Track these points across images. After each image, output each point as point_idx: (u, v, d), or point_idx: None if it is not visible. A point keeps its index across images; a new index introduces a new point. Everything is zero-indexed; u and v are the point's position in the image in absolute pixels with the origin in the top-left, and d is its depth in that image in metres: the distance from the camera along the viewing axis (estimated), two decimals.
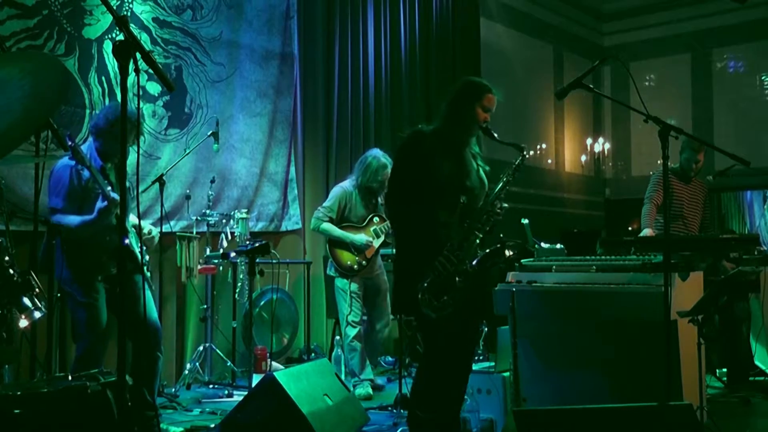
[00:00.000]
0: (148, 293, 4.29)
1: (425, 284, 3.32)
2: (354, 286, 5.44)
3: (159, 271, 5.47)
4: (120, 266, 3.35)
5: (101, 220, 3.90)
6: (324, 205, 5.55)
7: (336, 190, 5.59)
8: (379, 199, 5.56)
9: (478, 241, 3.43)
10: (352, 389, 5.23)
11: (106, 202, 3.85)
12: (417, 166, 3.46)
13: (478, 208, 3.49)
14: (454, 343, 3.47)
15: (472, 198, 3.50)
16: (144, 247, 4.26)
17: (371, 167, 5.42)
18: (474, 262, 3.38)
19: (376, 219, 5.54)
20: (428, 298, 3.31)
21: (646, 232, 5.57)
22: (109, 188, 3.90)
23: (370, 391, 5.37)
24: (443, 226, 3.42)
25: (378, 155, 5.48)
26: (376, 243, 5.44)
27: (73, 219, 3.94)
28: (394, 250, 3.77)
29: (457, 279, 3.33)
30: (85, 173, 3.90)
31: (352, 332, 5.43)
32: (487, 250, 3.43)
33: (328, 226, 5.43)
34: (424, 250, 3.38)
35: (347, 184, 5.58)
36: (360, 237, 5.42)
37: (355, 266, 5.42)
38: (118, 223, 3.98)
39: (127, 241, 4.09)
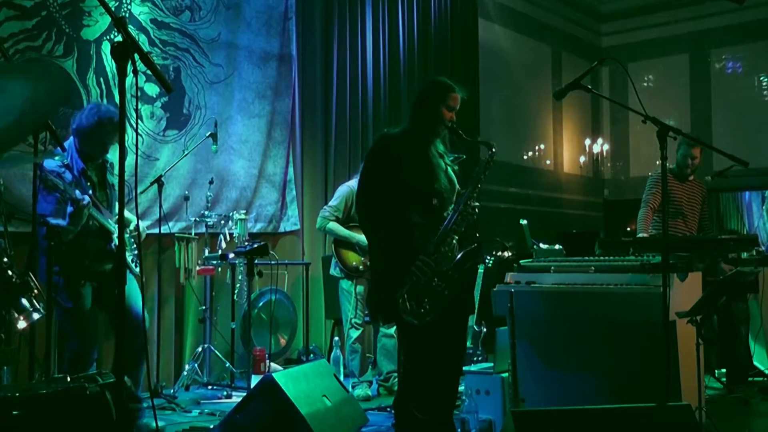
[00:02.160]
0: (134, 285, 4.28)
1: (404, 291, 3.29)
2: (360, 288, 5.43)
3: (157, 272, 5.47)
4: (117, 267, 3.33)
5: (75, 224, 3.90)
6: (330, 204, 5.53)
7: (342, 189, 5.56)
8: None
9: (455, 242, 3.39)
10: (351, 390, 5.23)
11: (74, 208, 3.85)
12: (386, 169, 3.43)
13: (451, 208, 3.45)
14: (437, 347, 3.44)
15: (442, 199, 3.48)
16: (139, 244, 4.28)
17: None
18: (452, 264, 3.35)
19: None
20: (410, 305, 3.28)
21: (642, 236, 5.57)
22: (78, 192, 3.90)
23: (369, 392, 5.37)
24: (417, 229, 3.39)
25: None
26: None
27: (59, 222, 3.95)
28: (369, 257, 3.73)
29: (435, 281, 3.30)
30: (67, 176, 3.93)
31: (354, 334, 5.43)
32: (464, 251, 3.39)
33: (334, 226, 5.42)
34: (400, 254, 3.35)
35: (353, 183, 5.54)
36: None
37: (361, 267, 5.40)
38: (113, 223, 4.00)
39: (112, 245, 4.12)
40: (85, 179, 4.10)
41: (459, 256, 3.38)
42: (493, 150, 3.53)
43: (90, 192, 4.02)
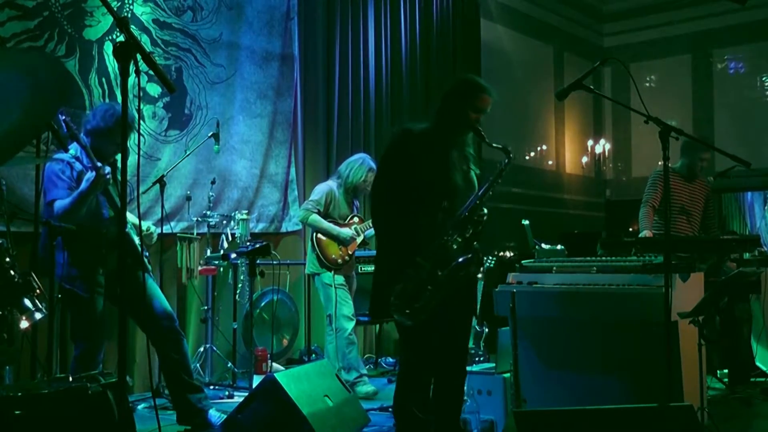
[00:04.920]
0: (154, 284, 4.37)
1: (397, 291, 3.26)
2: (340, 279, 5.54)
3: (159, 272, 5.47)
4: (121, 257, 3.35)
5: (91, 191, 3.92)
6: (311, 198, 5.65)
7: (322, 187, 5.72)
8: (356, 202, 5.80)
9: (455, 246, 3.32)
10: (353, 386, 5.28)
11: (93, 173, 3.86)
12: (401, 166, 3.40)
13: (457, 214, 3.38)
14: (433, 345, 3.42)
15: (456, 201, 3.42)
16: (143, 245, 4.30)
17: (362, 169, 5.60)
18: (446, 270, 3.28)
19: (356, 219, 5.73)
20: (399, 305, 3.26)
21: (645, 234, 5.57)
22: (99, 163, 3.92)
23: (373, 387, 5.40)
24: (424, 230, 3.34)
25: (366, 159, 5.69)
26: (359, 239, 5.64)
27: (66, 201, 3.97)
28: (375, 252, 3.76)
29: (429, 287, 3.25)
30: (77, 165, 3.97)
31: (349, 325, 5.46)
32: (460, 260, 3.30)
33: (316, 218, 5.54)
34: (401, 253, 3.32)
35: (331, 183, 5.74)
36: (345, 230, 5.58)
37: (340, 260, 5.55)
38: (116, 216, 4.01)
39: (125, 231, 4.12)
40: None
41: (453, 264, 3.29)
42: (510, 156, 3.45)
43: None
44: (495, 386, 4.39)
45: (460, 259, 3.31)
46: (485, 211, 3.42)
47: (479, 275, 3.45)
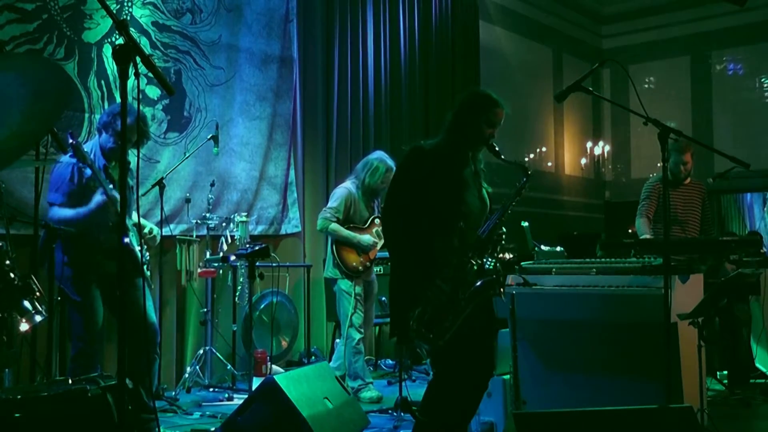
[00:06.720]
0: (148, 294, 4.34)
1: (415, 315, 3.18)
2: (359, 289, 5.46)
3: (159, 274, 5.47)
4: (120, 266, 3.34)
5: (97, 214, 3.91)
6: (330, 206, 5.53)
7: (341, 192, 5.56)
8: (376, 202, 5.64)
9: (475, 268, 3.23)
10: (357, 392, 5.27)
11: (105, 197, 3.86)
12: (414, 186, 3.29)
13: (476, 234, 3.28)
14: (464, 364, 3.34)
15: (471, 221, 3.33)
16: (145, 247, 4.28)
17: (380, 170, 5.46)
18: (467, 294, 3.19)
19: (377, 221, 5.58)
20: (419, 330, 3.19)
21: (645, 237, 5.56)
22: (111, 186, 3.92)
23: (377, 393, 5.37)
24: (440, 251, 3.26)
25: (384, 158, 5.52)
26: (380, 244, 5.49)
27: (68, 211, 3.97)
28: (389, 269, 3.65)
29: (449, 311, 3.17)
30: (87, 172, 3.92)
31: (357, 335, 5.43)
32: (479, 283, 3.21)
33: (336, 227, 5.43)
34: (417, 276, 3.23)
35: (350, 185, 5.58)
36: (366, 237, 5.47)
37: (360, 267, 5.45)
38: (118, 223, 4.00)
39: (126, 240, 4.10)
40: (106, 176, 4.10)
41: (476, 285, 3.22)
42: (528, 174, 3.36)
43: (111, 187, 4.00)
44: (495, 388, 4.38)
45: (479, 283, 3.23)
46: (504, 230, 3.33)
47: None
